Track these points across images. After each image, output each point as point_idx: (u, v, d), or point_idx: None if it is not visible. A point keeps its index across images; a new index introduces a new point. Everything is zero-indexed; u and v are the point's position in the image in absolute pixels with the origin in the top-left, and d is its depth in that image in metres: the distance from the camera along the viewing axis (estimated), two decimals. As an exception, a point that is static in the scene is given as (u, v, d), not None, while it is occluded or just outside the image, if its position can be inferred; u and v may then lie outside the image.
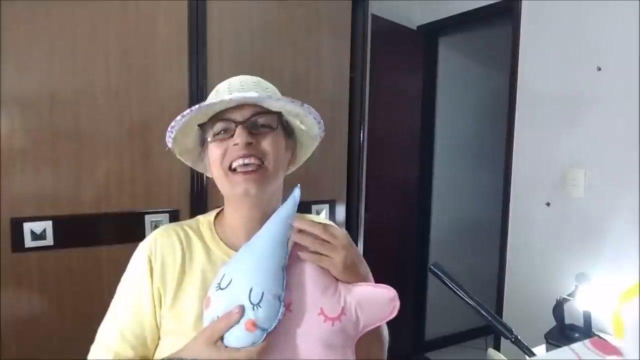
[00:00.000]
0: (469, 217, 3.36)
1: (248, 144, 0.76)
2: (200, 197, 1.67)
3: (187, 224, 0.87)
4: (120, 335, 0.77)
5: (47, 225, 1.46)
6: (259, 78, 0.87)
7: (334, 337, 0.72)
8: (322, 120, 0.86)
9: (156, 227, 1.58)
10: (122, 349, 0.77)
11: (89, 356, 0.79)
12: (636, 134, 1.80)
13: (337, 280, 0.75)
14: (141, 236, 1.57)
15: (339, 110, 1.97)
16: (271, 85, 0.87)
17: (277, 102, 0.79)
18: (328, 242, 0.73)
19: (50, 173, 1.46)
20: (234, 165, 0.77)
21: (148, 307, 0.78)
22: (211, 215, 0.89)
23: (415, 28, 2.98)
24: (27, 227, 1.43)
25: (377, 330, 0.80)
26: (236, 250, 0.80)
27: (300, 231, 0.74)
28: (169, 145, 0.85)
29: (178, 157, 0.89)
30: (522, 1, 2.24)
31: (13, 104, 1.40)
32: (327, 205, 1.93)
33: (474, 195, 3.36)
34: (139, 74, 1.57)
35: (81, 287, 1.50)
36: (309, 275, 0.74)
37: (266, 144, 0.79)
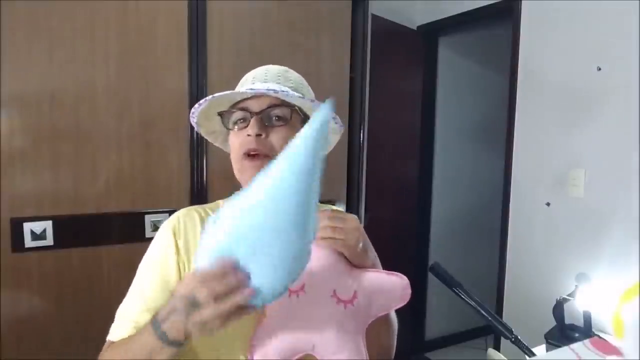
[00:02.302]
0: (469, 217, 3.36)
1: (258, 136, 0.78)
2: (200, 196, 1.67)
3: (208, 206, 0.88)
4: (147, 311, 0.75)
5: (47, 225, 1.46)
6: (285, 68, 0.88)
7: (346, 321, 0.72)
8: (340, 122, 0.89)
9: (156, 227, 1.59)
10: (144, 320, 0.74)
11: (110, 336, 0.76)
12: (636, 134, 1.80)
13: (351, 265, 0.76)
14: (141, 236, 1.59)
15: (339, 110, 1.96)
16: (296, 75, 0.88)
17: (295, 99, 0.81)
18: (339, 227, 0.74)
19: (50, 173, 1.46)
20: (247, 153, 0.79)
21: (175, 281, 0.77)
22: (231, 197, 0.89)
23: (415, 28, 2.98)
24: (27, 227, 1.43)
25: (386, 317, 0.82)
26: None
27: None
28: (195, 127, 0.88)
29: (205, 137, 0.91)
30: (522, 1, 2.24)
31: (13, 104, 1.40)
32: (327, 206, 1.93)
33: (473, 195, 3.36)
34: (139, 74, 1.57)
35: (81, 287, 1.50)
36: (322, 257, 0.74)
37: (277, 139, 0.79)
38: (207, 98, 0.80)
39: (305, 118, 0.86)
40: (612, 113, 1.89)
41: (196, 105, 0.81)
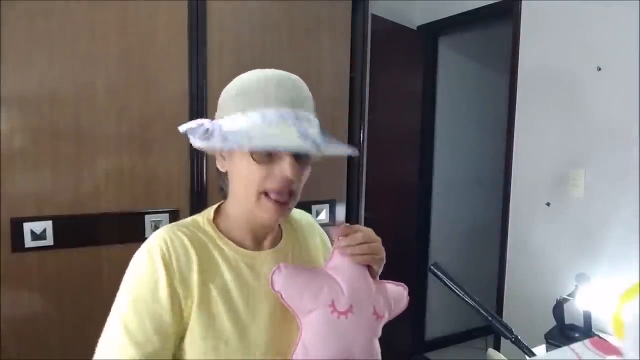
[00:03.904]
0: (469, 217, 3.36)
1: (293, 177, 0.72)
2: (200, 197, 1.67)
3: (188, 224, 0.79)
4: (133, 346, 0.68)
5: (47, 225, 1.46)
6: (298, 81, 0.79)
7: (379, 329, 0.80)
8: (353, 150, 0.82)
9: (156, 227, 1.59)
10: None
11: None
12: (636, 134, 1.80)
13: (373, 277, 0.82)
14: (141, 236, 1.59)
15: (339, 110, 1.97)
16: (306, 88, 0.80)
17: (335, 149, 0.76)
18: (373, 243, 0.79)
19: (50, 173, 1.46)
20: (270, 191, 0.73)
21: (168, 315, 0.70)
22: (209, 213, 0.82)
23: (415, 28, 2.98)
24: (27, 227, 1.43)
25: None
26: (243, 247, 0.79)
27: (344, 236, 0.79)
28: (181, 129, 0.77)
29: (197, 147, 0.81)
30: (522, 1, 2.25)
31: (13, 104, 1.40)
32: (327, 205, 1.93)
33: (474, 195, 3.36)
34: (139, 74, 1.57)
35: (81, 287, 1.50)
36: (359, 276, 0.79)
37: (303, 177, 0.76)
38: (256, 145, 0.70)
39: None
40: (612, 113, 1.89)
41: (245, 144, 0.70)
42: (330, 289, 0.76)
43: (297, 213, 0.97)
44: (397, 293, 0.86)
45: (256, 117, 0.72)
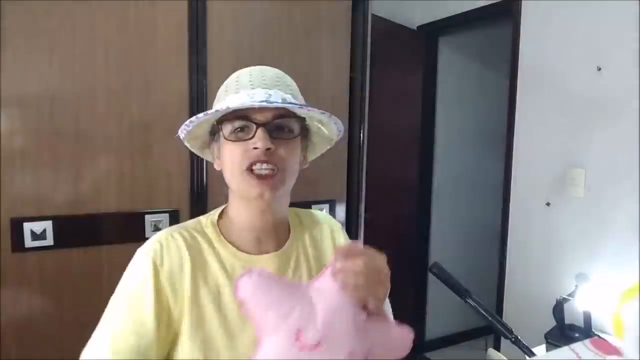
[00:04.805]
0: (469, 217, 3.36)
1: (267, 149, 0.72)
2: (200, 197, 1.67)
3: (190, 226, 0.81)
4: (115, 354, 0.70)
5: (47, 225, 1.46)
6: (280, 72, 0.82)
7: None
8: (342, 129, 0.85)
9: (156, 227, 1.59)
10: None
11: None
12: (636, 134, 1.80)
13: (366, 313, 0.67)
14: (141, 236, 1.58)
15: (339, 110, 1.97)
16: (291, 80, 0.83)
17: (306, 111, 0.76)
18: (369, 274, 0.65)
19: (50, 173, 1.46)
20: (253, 167, 0.74)
21: (151, 320, 0.71)
22: (214, 215, 0.83)
23: (415, 28, 2.98)
24: (27, 227, 1.43)
25: None
26: (243, 250, 0.79)
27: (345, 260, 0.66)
28: (181, 135, 0.80)
29: (186, 144, 0.84)
30: (522, 1, 2.25)
31: (13, 104, 1.40)
32: (327, 205, 1.93)
33: (474, 195, 3.36)
34: (139, 74, 1.57)
35: (81, 287, 1.50)
36: (343, 309, 0.65)
37: (285, 152, 0.75)
38: (220, 109, 0.73)
39: (306, 127, 0.82)
40: (612, 113, 1.89)
41: (200, 115, 0.74)
42: (302, 314, 0.63)
43: (321, 216, 0.94)
44: (397, 338, 0.72)
45: (228, 100, 0.76)
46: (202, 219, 0.83)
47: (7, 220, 1.41)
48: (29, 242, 1.43)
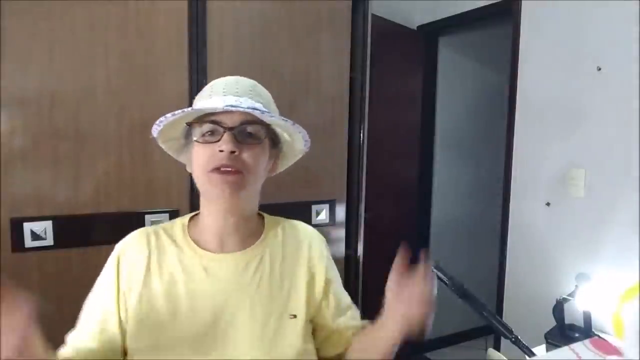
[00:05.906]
0: (469, 217, 3.36)
1: (231, 153, 0.76)
2: (199, 197, 1.67)
3: (162, 226, 0.90)
4: (82, 335, 0.83)
5: (47, 225, 1.46)
6: (255, 83, 0.86)
7: None
8: (309, 140, 0.87)
9: (156, 227, 1.59)
10: (82, 345, 0.81)
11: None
12: (636, 134, 1.80)
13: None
14: (141, 236, 1.58)
15: (339, 110, 1.97)
16: (265, 91, 0.87)
17: (269, 118, 0.79)
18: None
19: (50, 173, 1.46)
20: (217, 168, 0.78)
21: (113, 316, 0.82)
22: (188, 216, 0.92)
23: (415, 28, 2.98)
24: (27, 227, 1.43)
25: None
26: (207, 250, 0.84)
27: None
28: (154, 134, 0.85)
29: (160, 144, 0.89)
30: (522, 1, 2.24)
31: (13, 103, 1.40)
32: (327, 205, 1.93)
33: (474, 195, 3.36)
34: (139, 74, 1.57)
35: (81, 287, 1.49)
36: None
37: (249, 157, 0.78)
38: (185, 110, 0.78)
39: (274, 135, 0.85)
40: (612, 113, 1.89)
41: (168, 115, 0.78)
42: None
43: (301, 226, 0.96)
44: None
45: (199, 104, 0.82)
46: (178, 219, 0.92)
47: (7, 220, 1.40)
48: (29, 242, 1.43)
